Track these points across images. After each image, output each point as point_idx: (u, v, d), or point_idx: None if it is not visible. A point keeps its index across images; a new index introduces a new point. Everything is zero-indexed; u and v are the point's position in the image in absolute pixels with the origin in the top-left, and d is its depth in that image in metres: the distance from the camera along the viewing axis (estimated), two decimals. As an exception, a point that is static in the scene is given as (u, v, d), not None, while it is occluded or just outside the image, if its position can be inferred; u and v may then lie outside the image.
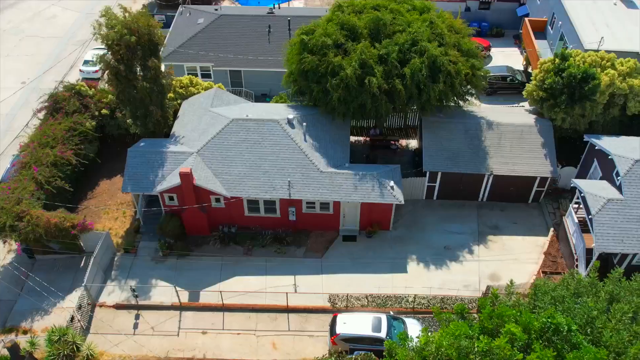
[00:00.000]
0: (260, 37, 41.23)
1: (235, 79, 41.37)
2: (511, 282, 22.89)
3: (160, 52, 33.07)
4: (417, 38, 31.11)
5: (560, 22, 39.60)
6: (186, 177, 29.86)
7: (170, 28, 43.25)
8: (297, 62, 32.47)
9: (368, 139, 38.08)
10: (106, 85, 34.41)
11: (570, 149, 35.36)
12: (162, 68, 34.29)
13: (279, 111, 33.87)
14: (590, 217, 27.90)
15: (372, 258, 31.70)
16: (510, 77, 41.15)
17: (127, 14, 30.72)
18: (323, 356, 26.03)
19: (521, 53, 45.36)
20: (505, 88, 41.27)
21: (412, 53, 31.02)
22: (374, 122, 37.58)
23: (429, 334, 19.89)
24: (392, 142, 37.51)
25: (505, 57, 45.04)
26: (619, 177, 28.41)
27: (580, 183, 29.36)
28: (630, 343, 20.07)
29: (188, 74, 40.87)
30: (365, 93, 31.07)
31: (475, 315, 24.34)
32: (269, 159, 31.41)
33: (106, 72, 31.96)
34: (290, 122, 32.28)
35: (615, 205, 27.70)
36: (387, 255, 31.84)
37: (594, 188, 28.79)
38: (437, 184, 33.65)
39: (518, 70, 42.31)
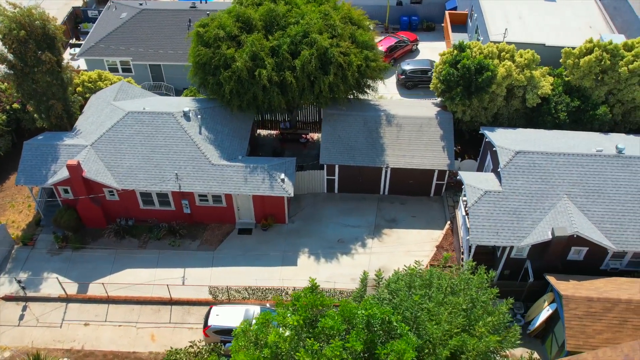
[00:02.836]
0: (180, 31, 41.15)
1: (155, 73, 41.37)
2: (365, 273, 22.77)
3: (67, 45, 33.10)
4: (309, 30, 30.95)
5: (475, 15, 39.25)
6: (73, 169, 29.92)
7: (95, 23, 43.44)
8: (194, 54, 32.45)
9: (279, 132, 37.95)
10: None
11: (478, 142, 35.06)
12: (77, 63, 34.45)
13: (182, 104, 33.85)
14: (467, 208, 27.62)
15: (264, 251, 31.61)
16: (431, 71, 40.76)
17: (17, 9, 30.81)
18: (174, 349, 25.55)
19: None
20: (426, 82, 40.86)
21: (303, 45, 30.85)
22: (287, 115, 37.57)
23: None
24: (303, 135, 37.34)
25: (432, 51, 44.61)
26: (499, 169, 28.10)
27: (464, 175, 29.05)
28: (457, 334, 19.87)
29: (109, 68, 41.10)
30: (256, 85, 30.99)
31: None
32: (161, 152, 31.39)
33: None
34: (186, 115, 32.24)
35: (492, 197, 27.38)
36: (279, 248, 31.73)
37: (475, 180, 28.47)
38: (336, 177, 33.45)
39: (440, 63, 41.90)
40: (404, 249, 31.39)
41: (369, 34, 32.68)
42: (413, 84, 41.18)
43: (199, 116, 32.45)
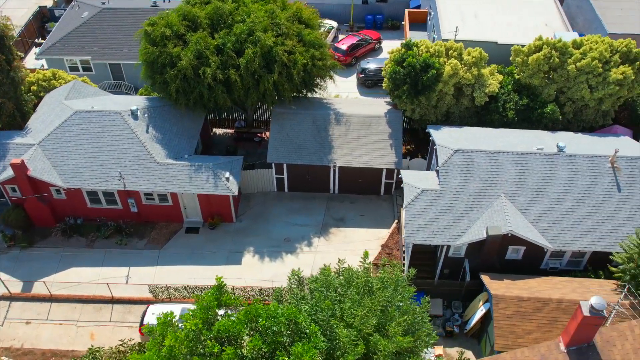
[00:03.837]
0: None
1: (116, 72, 41.40)
2: (293, 272, 22.66)
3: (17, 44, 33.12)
4: (254, 28, 30.88)
5: (432, 13, 39.08)
6: (17, 168, 29.97)
7: (58, 22, 43.54)
8: (143, 53, 32.45)
9: (234, 131, 37.93)
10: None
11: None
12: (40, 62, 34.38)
13: (133, 103, 33.82)
14: (404, 207, 27.48)
15: (210, 249, 31.57)
16: (391, 69, 40.59)
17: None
18: (94, 347, 25.52)
19: (413, 45, 44.78)
20: (386, 80, 40.75)
21: (248, 43, 30.79)
22: (243, 114, 37.55)
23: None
24: (257, 134, 37.29)
25: (395, 50, 44.45)
26: (437, 167, 27.96)
27: (404, 174, 28.90)
28: (369, 335, 19.71)
29: (70, 67, 41.19)
30: (202, 84, 30.96)
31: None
32: (107, 150, 31.39)
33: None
34: (133, 114, 32.24)
35: (429, 196, 27.22)
36: (225, 247, 31.69)
37: (415, 179, 28.29)
38: (285, 176, 33.36)
39: (401, 62, 41.70)
40: (350, 247, 31.26)
41: (316, 32, 32.58)
42: (372, 82, 41.05)
43: (147, 115, 32.47)
